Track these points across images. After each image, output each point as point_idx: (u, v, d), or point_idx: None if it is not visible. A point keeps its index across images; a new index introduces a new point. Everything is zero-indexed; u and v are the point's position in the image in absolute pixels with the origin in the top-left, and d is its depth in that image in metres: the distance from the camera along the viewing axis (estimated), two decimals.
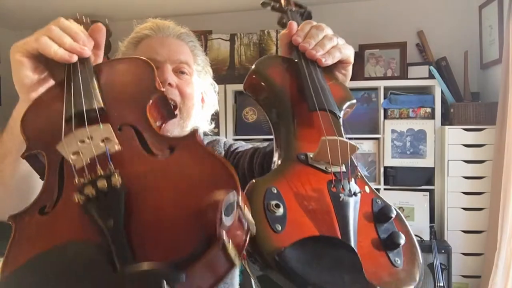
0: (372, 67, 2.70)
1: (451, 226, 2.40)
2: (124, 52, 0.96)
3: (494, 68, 2.48)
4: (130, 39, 0.96)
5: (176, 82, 0.91)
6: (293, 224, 0.47)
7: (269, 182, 0.50)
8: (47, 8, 2.86)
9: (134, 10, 2.93)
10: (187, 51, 0.96)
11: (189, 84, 0.93)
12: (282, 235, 0.46)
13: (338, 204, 0.50)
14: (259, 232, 0.44)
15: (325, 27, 0.69)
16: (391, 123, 2.57)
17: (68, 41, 0.62)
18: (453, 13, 2.74)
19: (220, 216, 0.39)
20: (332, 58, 0.67)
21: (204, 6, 2.90)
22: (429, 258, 2.33)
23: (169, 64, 0.91)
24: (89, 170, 0.48)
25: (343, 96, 0.66)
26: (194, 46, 0.98)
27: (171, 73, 0.90)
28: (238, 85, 2.72)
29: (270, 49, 2.74)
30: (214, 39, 2.81)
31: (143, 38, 0.95)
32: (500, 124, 2.16)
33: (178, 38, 0.96)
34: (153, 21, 0.97)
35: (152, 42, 0.94)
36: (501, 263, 2.07)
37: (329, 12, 2.90)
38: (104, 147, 0.50)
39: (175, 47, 0.94)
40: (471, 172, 2.37)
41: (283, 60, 0.68)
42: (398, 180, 2.56)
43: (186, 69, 0.94)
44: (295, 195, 0.50)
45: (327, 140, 0.52)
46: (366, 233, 0.51)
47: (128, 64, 0.68)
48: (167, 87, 0.88)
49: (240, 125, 2.74)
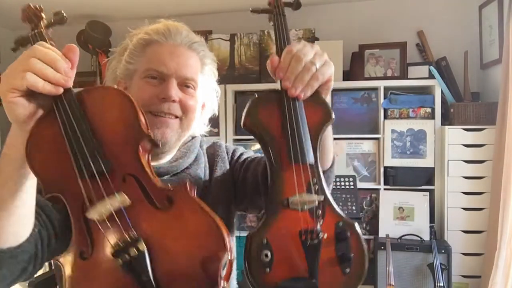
0: (372, 67, 2.70)
1: (451, 226, 2.40)
2: (131, 50, 0.93)
3: (494, 68, 2.48)
4: (140, 39, 0.93)
5: (180, 97, 0.90)
6: (277, 267, 0.71)
7: (261, 235, 0.72)
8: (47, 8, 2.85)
9: (134, 10, 2.93)
10: (196, 63, 0.94)
11: (192, 98, 0.93)
12: (270, 275, 0.71)
13: (306, 249, 0.71)
14: (255, 273, 0.71)
15: (306, 52, 0.73)
16: (391, 123, 2.57)
17: (50, 73, 0.64)
18: (453, 13, 2.74)
19: (220, 273, 0.62)
20: (311, 89, 0.75)
21: (204, 6, 2.90)
22: (429, 258, 2.33)
23: (174, 79, 0.89)
24: (111, 225, 0.64)
25: (320, 120, 0.79)
26: (204, 55, 0.96)
27: (175, 89, 0.89)
28: (238, 85, 2.73)
29: (270, 49, 2.74)
30: (214, 39, 2.81)
31: (153, 42, 0.92)
32: (500, 124, 2.16)
33: (189, 49, 0.93)
34: (165, 24, 0.94)
35: (161, 50, 0.91)
36: (501, 263, 2.07)
37: (329, 12, 2.90)
38: (119, 205, 0.65)
39: (184, 60, 0.91)
40: (471, 172, 2.37)
41: (273, 97, 0.77)
42: (398, 180, 2.56)
43: (192, 84, 0.92)
44: (279, 242, 0.71)
45: (297, 196, 0.73)
46: (327, 257, 0.72)
47: (110, 99, 0.71)
48: (170, 102, 0.88)
49: (240, 125, 2.74)
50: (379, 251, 2.41)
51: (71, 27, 3.09)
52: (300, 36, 2.71)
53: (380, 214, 2.56)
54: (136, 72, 0.92)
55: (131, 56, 0.93)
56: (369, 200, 2.64)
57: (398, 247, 2.40)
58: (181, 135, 0.93)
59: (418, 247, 2.38)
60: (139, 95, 0.89)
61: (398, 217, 2.53)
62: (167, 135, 0.89)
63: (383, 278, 2.35)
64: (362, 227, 2.64)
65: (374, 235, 2.56)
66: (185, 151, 1.00)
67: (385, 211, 2.55)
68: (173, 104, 0.89)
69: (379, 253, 2.41)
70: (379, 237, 2.51)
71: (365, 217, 2.64)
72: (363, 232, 2.62)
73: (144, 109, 0.87)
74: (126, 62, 0.93)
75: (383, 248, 2.40)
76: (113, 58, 1.00)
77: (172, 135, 0.90)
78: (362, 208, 2.62)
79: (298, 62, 0.72)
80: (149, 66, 0.90)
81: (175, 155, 0.99)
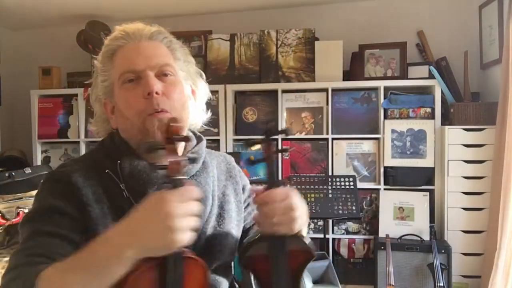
0: (372, 67, 2.70)
1: (451, 226, 2.40)
2: (100, 67, 0.94)
3: (494, 68, 2.48)
4: (104, 53, 0.94)
5: (162, 89, 0.89)
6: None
7: None
8: (47, 8, 2.86)
9: (134, 10, 2.93)
10: (164, 50, 0.94)
11: (175, 86, 0.92)
12: None
13: None
14: None
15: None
16: (391, 123, 2.57)
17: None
18: (453, 13, 2.74)
19: None
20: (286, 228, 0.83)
21: (204, 6, 2.90)
22: (429, 258, 2.33)
23: (149, 71, 0.89)
24: None
25: (302, 261, 0.88)
26: (169, 41, 0.96)
27: (155, 80, 0.89)
28: (238, 85, 2.72)
29: (270, 49, 2.74)
30: (214, 39, 2.81)
31: (116, 49, 0.92)
32: (500, 124, 2.16)
33: (150, 39, 0.93)
34: (120, 29, 0.94)
35: (126, 52, 0.91)
36: (501, 263, 2.07)
37: (329, 12, 2.90)
38: None
39: (150, 51, 0.91)
40: (471, 172, 2.37)
41: (263, 245, 0.87)
42: (398, 180, 2.56)
43: (169, 70, 0.92)
44: None
45: None
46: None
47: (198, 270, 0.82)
48: (156, 96, 0.87)
49: (240, 125, 2.75)
50: (379, 251, 2.41)
51: (71, 27, 3.09)
52: (300, 36, 2.71)
53: (380, 214, 2.56)
54: (113, 84, 0.92)
55: (102, 73, 0.93)
56: (369, 200, 2.65)
57: (398, 247, 2.40)
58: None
59: (418, 247, 2.38)
60: (127, 105, 0.89)
61: (398, 217, 2.53)
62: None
63: (383, 278, 2.35)
64: (362, 227, 2.64)
65: (374, 235, 2.56)
66: (194, 156, 0.99)
67: (385, 211, 2.55)
68: (158, 97, 0.88)
69: (379, 253, 2.41)
70: (379, 237, 2.51)
71: (365, 217, 2.64)
72: (363, 232, 2.63)
73: (141, 115, 0.88)
74: (101, 81, 0.94)
75: (383, 248, 2.40)
76: (90, 90, 1.00)
77: None
78: (362, 208, 2.62)
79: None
80: (121, 70, 0.90)
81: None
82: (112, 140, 0.96)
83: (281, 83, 2.71)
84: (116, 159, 0.91)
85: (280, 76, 2.72)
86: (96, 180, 0.89)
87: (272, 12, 2.96)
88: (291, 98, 2.72)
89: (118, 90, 0.91)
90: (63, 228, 0.82)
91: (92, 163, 0.92)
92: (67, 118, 2.96)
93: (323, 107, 2.70)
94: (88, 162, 0.93)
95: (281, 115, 2.70)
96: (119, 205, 0.87)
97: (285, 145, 2.67)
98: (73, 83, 3.05)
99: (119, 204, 0.88)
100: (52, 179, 0.89)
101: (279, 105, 2.69)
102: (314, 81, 2.67)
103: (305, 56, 2.71)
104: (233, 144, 2.74)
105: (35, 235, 0.81)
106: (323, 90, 2.69)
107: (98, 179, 0.89)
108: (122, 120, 0.92)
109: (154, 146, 0.77)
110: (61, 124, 2.96)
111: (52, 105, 2.96)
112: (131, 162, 0.90)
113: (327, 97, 2.68)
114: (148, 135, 0.87)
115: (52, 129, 2.95)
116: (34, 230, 0.82)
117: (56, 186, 0.87)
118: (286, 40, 2.73)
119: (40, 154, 2.99)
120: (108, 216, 0.86)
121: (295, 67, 2.71)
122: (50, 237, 0.81)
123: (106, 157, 0.93)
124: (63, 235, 0.81)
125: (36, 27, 3.29)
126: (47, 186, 0.88)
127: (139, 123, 0.88)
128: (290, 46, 2.72)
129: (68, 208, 0.84)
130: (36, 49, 3.28)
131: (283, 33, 2.73)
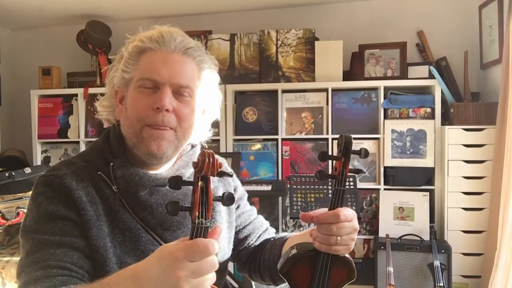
0: (372, 67, 2.70)
1: (451, 226, 2.40)
2: (127, 59, 0.92)
3: (494, 68, 2.48)
4: (134, 47, 0.92)
5: (174, 106, 0.89)
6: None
7: None
8: (47, 8, 2.86)
9: (134, 10, 2.93)
10: (191, 68, 0.92)
11: (187, 106, 0.91)
12: None
13: None
14: None
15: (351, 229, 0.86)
16: (391, 123, 2.57)
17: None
18: (453, 13, 2.74)
19: None
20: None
21: (204, 6, 2.91)
22: (429, 258, 2.33)
23: (168, 87, 0.88)
24: None
25: (343, 280, 0.90)
26: (201, 60, 0.94)
27: (169, 97, 0.88)
28: (238, 85, 2.73)
29: (270, 49, 2.74)
30: (214, 39, 2.81)
31: (146, 49, 0.90)
32: (500, 124, 2.16)
33: (184, 54, 0.91)
34: (159, 30, 0.92)
35: (155, 57, 0.89)
36: (501, 263, 2.07)
37: (329, 12, 2.90)
38: None
39: (178, 67, 0.90)
40: (471, 172, 2.37)
41: (311, 260, 0.89)
42: (398, 180, 2.56)
43: (187, 92, 0.91)
44: None
45: None
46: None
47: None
48: (164, 112, 0.87)
49: (240, 125, 2.75)
50: (379, 251, 2.41)
51: (71, 27, 3.09)
52: (300, 36, 2.71)
53: (380, 214, 2.56)
54: (132, 80, 0.92)
55: (126, 64, 0.92)
56: (369, 200, 2.65)
57: (398, 247, 2.40)
58: (178, 145, 0.93)
59: (418, 247, 2.38)
60: (134, 106, 0.89)
61: (398, 217, 2.53)
62: (163, 146, 0.89)
63: (383, 278, 2.35)
64: (362, 227, 2.64)
65: (374, 235, 2.56)
66: (187, 160, 0.99)
67: (385, 211, 2.55)
68: (167, 115, 0.88)
69: (379, 253, 2.41)
70: (379, 237, 2.51)
71: (365, 217, 2.64)
72: (363, 232, 2.63)
73: (141, 123, 0.88)
74: (122, 70, 0.93)
75: (383, 248, 2.40)
76: (111, 66, 0.99)
77: (169, 146, 0.90)
78: (362, 208, 2.62)
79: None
80: (143, 75, 0.89)
81: (176, 163, 0.99)
82: (107, 139, 0.96)
83: (281, 83, 2.71)
84: (109, 161, 0.91)
85: (280, 76, 2.72)
86: (88, 181, 0.89)
87: (272, 12, 2.96)
88: (291, 98, 2.72)
89: (133, 89, 0.91)
90: (67, 234, 0.83)
91: (84, 165, 0.92)
92: (67, 118, 2.96)
93: (323, 107, 2.70)
94: (79, 163, 0.92)
95: (281, 115, 2.71)
96: (112, 207, 0.88)
97: (285, 145, 2.67)
98: (73, 83, 3.05)
99: (112, 205, 0.88)
100: (44, 184, 0.88)
101: (279, 105, 2.69)
102: (314, 81, 2.67)
103: (305, 56, 2.71)
104: (233, 144, 2.74)
105: (43, 246, 0.81)
106: (323, 90, 2.69)
107: (90, 180, 0.89)
108: (125, 115, 0.93)
109: (181, 182, 0.67)
110: (61, 124, 2.96)
111: (52, 105, 2.97)
112: (124, 165, 0.90)
113: (327, 97, 2.68)
114: (142, 143, 0.88)
115: (52, 129, 2.95)
116: (40, 240, 0.82)
117: (49, 190, 0.86)
118: (286, 40, 2.73)
119: (40, 154, 2.99)
120: (102, 217, 0.86)
121: (295, 67, 2.72)
122: (57, 246, 0.81)
123: (99, 158, 0.93)
124: (68, 243, 0.82)
125: (36, 27, 3.29)
126: (41, 191, 0.87)
127: (137, 128, 0.89)
128: (290, 46, 2.72)
129: (66, 212, 0.84)
130: (36, 49, 3.29)
131: (283, 33, 2.73)
